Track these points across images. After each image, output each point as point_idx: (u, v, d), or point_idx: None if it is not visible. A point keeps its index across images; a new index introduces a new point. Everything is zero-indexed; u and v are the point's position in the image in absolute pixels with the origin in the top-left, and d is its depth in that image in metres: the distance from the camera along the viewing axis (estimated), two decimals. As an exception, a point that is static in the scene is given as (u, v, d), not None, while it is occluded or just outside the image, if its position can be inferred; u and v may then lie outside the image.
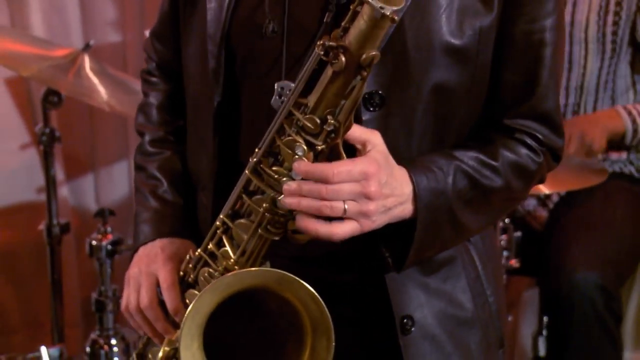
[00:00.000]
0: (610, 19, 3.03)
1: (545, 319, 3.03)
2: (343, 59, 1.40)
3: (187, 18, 1.72)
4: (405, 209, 1.54)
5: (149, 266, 1.67)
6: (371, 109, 1.57)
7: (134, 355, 1.75)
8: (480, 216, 1.65)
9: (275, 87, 1.54)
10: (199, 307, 1.46)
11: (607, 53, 3.06)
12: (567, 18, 3.00)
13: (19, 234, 3.60)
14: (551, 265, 2.94)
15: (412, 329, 1.62)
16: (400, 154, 1.55)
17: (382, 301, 1.62)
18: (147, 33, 3.33)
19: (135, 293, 1.66)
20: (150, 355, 1.70)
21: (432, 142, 1.62)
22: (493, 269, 1.76)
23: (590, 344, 2.86)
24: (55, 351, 2.89)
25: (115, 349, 2.97)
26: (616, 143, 3.04)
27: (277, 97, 1.53)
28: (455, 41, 1.57)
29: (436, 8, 1.56)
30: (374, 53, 1.40)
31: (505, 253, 2.88)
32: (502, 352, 1.75)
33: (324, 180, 1.44)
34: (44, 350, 2.85)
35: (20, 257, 3.64)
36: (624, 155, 3.16)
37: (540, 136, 1.65)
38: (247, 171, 1.51)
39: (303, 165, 1.45)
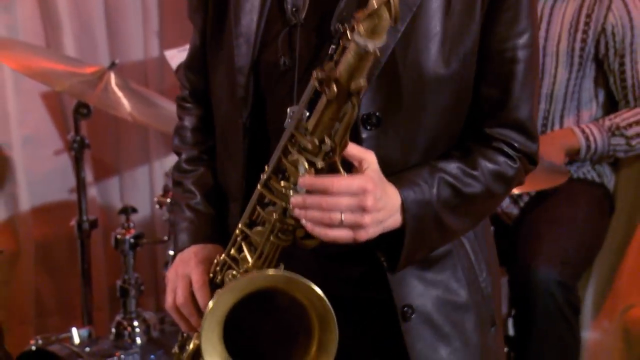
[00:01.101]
0: (579, 36, 3.01)
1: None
2: (335, 89, 1.41)
3: (214, 51, 1.72)
4: (396, 220, 1.54)
5: (184, 269, 1.67)
6: (369, 128, 1.57)
7: (176, 347, 1.75)
8: (464, 220, 1.66)
9: (288, 111, 1.55)
10: (217, 305, 1.47)
11: (575, 66, 3.04)
12: (542, 33, 3.00)
13: (53, 229, 3.61)
14: (518, 260, 2.94)
15: (412, 316, 1.62)
16: (395, 166, 1.57)
17: (384, 293, 1.62)
18: (165, 53, 3.42)
19: (172, 293, 1.67)
20: (187, 347, 1.71)
21: (423, 155, 1.62)
22: (486, 257, 1.74)
23: (552, 331, 2.86)
24: (84, 332, 2.90)
25: (137, 329, 2.96)
26: (572, 157, 3.03)
27: (289, 120, 1.54)
28: (442, 71, 1.58)
29: (425, 40, 1.56)
30: (362, 83, 1.41)
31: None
32: (495, 329, 1.75)
33: (325, 192, 1.45)
34: (74, 331, 2.87)
35: (55, 249, 3.66)
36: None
37: (515, 143, 1.64)
38: (259, 186, 1.53)
39: (307, 179, 1.46)
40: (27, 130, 3.53)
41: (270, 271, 1.52)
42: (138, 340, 2.93)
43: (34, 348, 2.84)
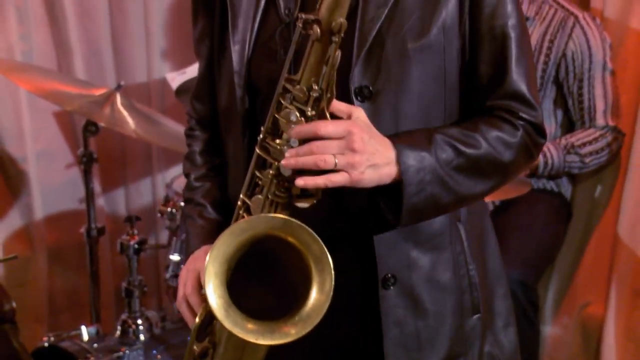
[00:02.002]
0: (542, 59, 3.02)
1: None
2: (317, 29, 1.39)
3: (219, 67, 1.71)
4: (392, 170, 1.48)
5: (194, 265, 1.67)
6: (361, 100, 1.54)
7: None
8: (473, 180, 1.57)
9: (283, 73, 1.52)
10: (219, 247, 1.43)
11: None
12: None
13: (65, 235, 3.61)
14: None
15: (392, 286, 1.58)
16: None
17: (368, 261, 1.58)
18: (166, 76, 3.43)
19: (182, 286, 1.66)
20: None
21: (416, 125, 1.57)
22: (480, 246, 1.70)
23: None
24: (92, 329, 2.90)
25: (141, 327, 2.96)
26: (531, 173, 3.03)
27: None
28: (424, 40, 1.55)
29: (406, 17, 1.54)
30: (341, 20, 1.38)
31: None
32: (478, 317, 1.68)
33: (314, 135, 1.42)
34: (83, 328, 2.87)
35: (66, 253, 3.65)
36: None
37: (517, 111, 1.59)
38: (256, 148, 1.51)
39: (297, 127, 1.43)
40: (40, 146, 3.53)
41: (269, 214, 1.47)
42: (141, 337, 2.93)
43: (46, 344, 2.85)
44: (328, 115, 1.44)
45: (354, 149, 1.43)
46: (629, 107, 3.05)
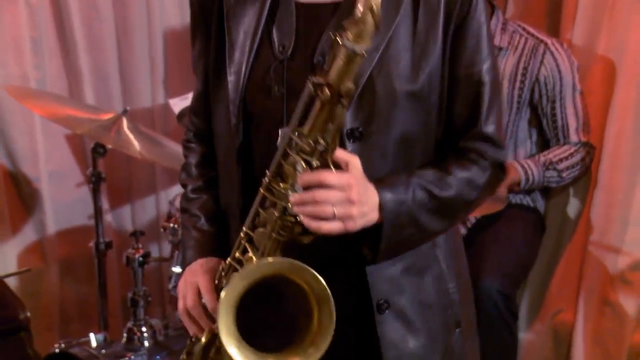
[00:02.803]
0: (517, 84, 3.01)
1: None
2: (327, 91, 1.40)
3: (214, 90, 1.70)
4: (375, 215, 1.51)
5: (192, 278, 1.65)
6: (352, 141, 1.55)
7: (184, 353, 1.69)
8: (440, 220, 1.60)
9: (280, 132, 1.54)
10: (231, 291, 1.45)
11: (514, 110, 3.04)
12: None
13: (75, 249, 3.60)
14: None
15: (387, 310, 1.60)
16: (376, 174, 1.55)
17: (362, 289, 1.60)
18: (169, 101, 3.42)
19: (182, 299, 1.65)
20: (194, 350, 1.65)
21: (400, 165, 1.60)
22: (455, 267, 1.71)
23: (495, 332, 2.84)
24: (100, 336, 2.88)
25: (145, 334, 2.95)
26: (514, 188, 3.03)
27: (281, 139, 1.53)
28: (412, 87, 1.57)
29: (396, 64, 1.55)
30: (350, 85, 1.39)
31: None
32: (459, 331, 1.70)
33: (319, 184, 1.44)
34: (92, 335, 2.85)
35: (76, 266, 3.65)
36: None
37: (484, 153, 1.62)
38: (261, 190, 1.51)
39: (304, 176, 1.44)
40: (53, 166, 3.53)
41: (276, 258, 1.50)
42: (146, 344, 2.91)
43: (57, 350, 2.83)
44: (332, 166, 1.46)
45: (352, 201, 1.45)
46: (597, 127, 3.06)
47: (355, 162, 1.48)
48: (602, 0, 2.97)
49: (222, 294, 1.45)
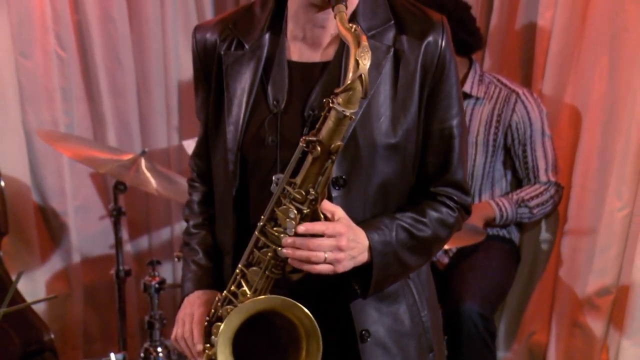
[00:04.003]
0: (492, 130, 3.01)
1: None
2: (319, 148, 1.42)
3: (214, 138, 1.69)
4: (364, 257, 1.53)
5: (190, 309, 1.66)
6: (337, 188, 1.55)
7: None
8: (418, 257, 1.63)
9: (273, 178, 1.53)
10: (228, 325, 1.47)
11: (489, 153, 3.04)
12: None
13: (98, 276, 3.60)
14: (449, 297, 2.87)
15: (368, 339, 1.60)
16: (358, 218, 1.55)
17: (346, 321, 1.61)
18: (184, 143, 3.43)
19: (181, 327, 1.65)
20: None
21: (379, 209, 1.60)
22: (427, 297, 1.71)
23: (475, 352, 2.82)
24: (120, 356, 2.87)
25: (160, 354, 2.98)
26: (489, 223, 3.03)
27: (274, 185, 1.52)
28: (391, 140, 1.57)
29: (377, 120, 1.55)
30: (339, 143, 1.42)
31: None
32: (433, 355, 1.71)
33: (315, 232, 1.45)
34: (112, 355, 2.82)
35: (99, 291, 3.65)
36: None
37: (454, 197, 1.64)
38: (256, 232, 1.51)
39: (306, 225, 1.46)
40: (78, 202, 3.55)
41: (269, 296, 1.50)
42: (161, 362, 2.91)
43: (81, 368, 2.85)
44: (321, 214, 1.48)
45: (341, 248, 1.48)
46: (565, 167, 3.06)
47: (339, 212, 1.50)
48: (569, 54, 2.98)
49: (221, 327, 1.47)
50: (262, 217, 1.51)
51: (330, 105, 1.40)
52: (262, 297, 1.50)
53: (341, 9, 1.43)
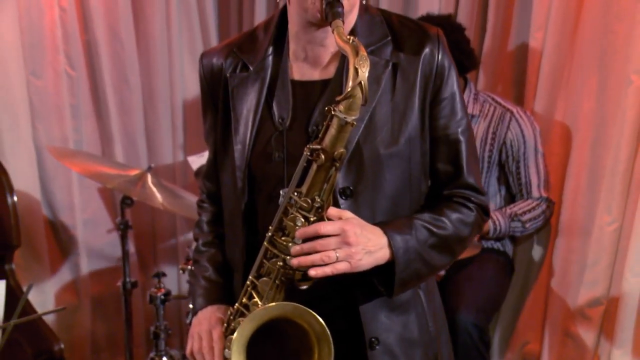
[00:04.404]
0: (487, 147, 3.01)
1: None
2: (322, 156, 1.42)
3: (222, 158, 1.69)
4: (385, 254, 1.51)
5: (207, 325, 1.63)
6: (344, 198, 1.55)
7: None
8: (442, 255, 1.59)
9: (281, 192, 1.54)
10: (241, 333, 1.46)
11: (485, 169, 3.04)
12: None
13: (105, 288, 3.62)
14: (445, 308, 2.78)
15: (377, 346, 1.59)
16: None
17: (355, 328, 1.59)
18: (188, 159, 3.41)
19: (197, 342, 1.63)
20: None
21: (389, 218, 1.58)
22: (434, 307, 1.70)
23: None
24: (126, 364, 2.91)
25: (165, 364, 2.99)
26: (483, 236, 3.02)
27: (282, 199, 1.51)
28: (394, 149, 1.56)
29: (379, 130, 1.55)
30: (342, 150, 1.42)
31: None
32: None
33: (316, 234, 1.44)
34: None
35: (106, 302, 3.66)
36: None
37: (471, 197, 1.63)
38: (265, 243, 1.50)
39: (301, 230, 1.45)
40: (87, 215, 3.56)
41: (281, 302, 1.49)
42: (166, 371, 2.92)
43: (89, 377, 2.85)
44: (326, 219, 1.47)
45: (349, 243, 1.45)
46: (557, 183, 3.06)
47: (347, 213, 1.49)
48: (559, 73, 2.99)
49: (234, 335, 1.45)
50: (270, 227, 1.50)
51: (332, 112, 1.40)
52: (273, 304, 1.48)
53: (338, 24, 1.44)
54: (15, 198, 2.95)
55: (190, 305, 2.93)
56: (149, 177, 3.04)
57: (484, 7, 3.21)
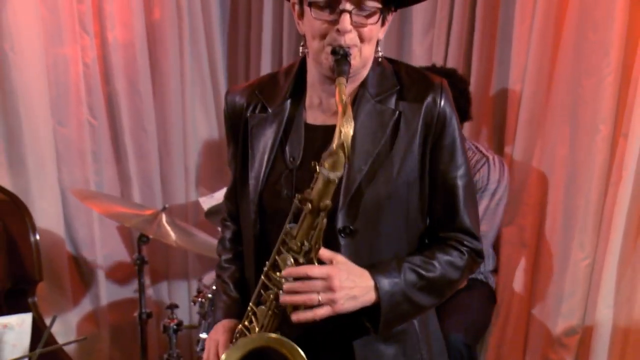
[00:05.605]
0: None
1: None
2: (310, 206, 1.42)
3: (241, 188, 1.69)
4: (372, 296, 1.49)
5: (215, 335, 1.65)
6: (344, 237, 1.52)
7: None
8: (431, 297, 1.56)
9: (287, 227, 1.52)
10: (229, 356, 1.47)
11: None
12: None
13: (123, 318, 3.61)
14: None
15: None
16: (365, 265, 1.52)
17: (349, 357, 1.57)
18: (200, 200, 3.40)
19: (206, 352, 1.64)
20: None
21: (387, 257, 1.56)
22: (428, 334, 1.67)
23: None
24: (141, 390, 2.88)
25: (178, 386, 2.97)
26: None
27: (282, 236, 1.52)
28: (394, 192, 1.54)
29: (381, 174, 1.54)
30: (328, 202, 1.40)
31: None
32: None
33: (304, 276, 1.43)
34: None
35: (124, 331, 3.65)
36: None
37: (464, 241, 1.59)
38: (262, 276, 1.52)
39: (288, 269, 1.45)
40: (107, 251, 3.56)
41: (266, 334, 1.49)
42: (178, 394, 2.89)
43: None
44: (315, 262, 1.47)
45: (333, 288, 1.45)
46: (535, 224, 3.07)
47: (338, 257, 1.48)
48: (535, 122, 3.01)
49: (222, 357, 1.47)
50: (267, 262, 1.51)
51: (317, 170, 1.41)
52: (260, 334, 1.49)
53: (341, 82, 1.45)
54: (38, 237, 2.95)
55: (200, 335, 2.96)
56: (164, 217, 3.04)
57: (468, 59, 3.22)
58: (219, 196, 3.27)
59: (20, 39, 3.06)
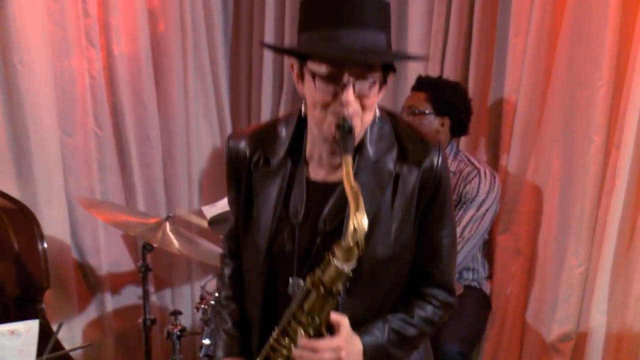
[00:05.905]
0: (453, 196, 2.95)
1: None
2: (322, 289, 1.46)
3: (243, 233, 1.71)
4: (360, 358, 1.57)
5: None
6: (342, 295, 1.53)
7: None
8: (405, 351, 1.66)
9: (290, 280, 1.59)
10: None
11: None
12: None
13: (128, 324, 3.60)
14: (431, 339, 2.82)
15: None
16: (360, 318, 1.59)
17: None
18: (202, 208, 3.37)
19: None
20: None
21: (379, 310, 1.63)
22: (421, 356, 1.74)
23: None
24: (146, 396, 2.85)
25: (181, 393, 2.96)
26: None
27: (290, 287, 1.58)
28: (391, 254, 1.58)
29: (378, 236, 1.57)
30: (339, 288, 1.45)
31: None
32: None
33: (315, 350, 1.49)
34: None
35: (129, 337, 3.65)
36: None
37: (440, 298, 1.66)
38: (271, 340, 1.55)
39: (303, 341, 1.50)
40: (111, 259, 3.55)
41: None
42: (181, 400, 2.88)
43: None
44: (325, 333, 1.52)
45: (341, 359, 1.51)
46: (530, 234, 3.07)
47: (344, 322, 1.54)
48: (530, 131, 3.02)
49: None
50: (276, 328, 1.55)
51: (330, 261, 1.44)
52: None
53: (347, 160, 1.46)
54: (46, 245, 2.94)
55: (203, 341, 2.95)
56: (168, 225, 3.03)
57: (465, 72, 3.23)
58: (221, 204, 3.26)
59: (29, 52, 3.07)
